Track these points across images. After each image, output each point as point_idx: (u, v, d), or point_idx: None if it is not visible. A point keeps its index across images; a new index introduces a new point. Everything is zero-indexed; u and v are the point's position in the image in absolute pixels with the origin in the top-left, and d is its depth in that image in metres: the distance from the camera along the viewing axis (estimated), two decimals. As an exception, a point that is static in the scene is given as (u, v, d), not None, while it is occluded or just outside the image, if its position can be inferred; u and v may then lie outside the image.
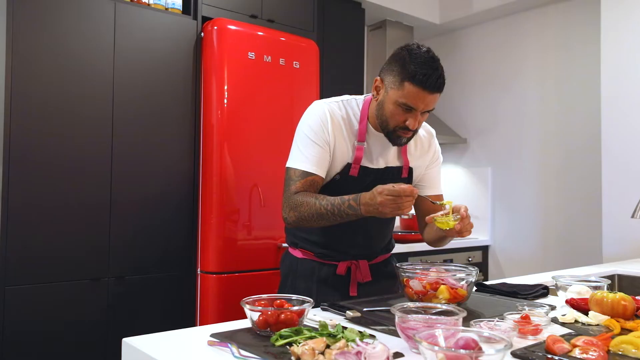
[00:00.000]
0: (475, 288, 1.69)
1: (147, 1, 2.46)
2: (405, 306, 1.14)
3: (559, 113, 3.56)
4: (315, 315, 1.28)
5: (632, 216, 1.85)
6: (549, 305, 1.39)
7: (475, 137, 4.04)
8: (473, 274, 1.41)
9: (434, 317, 1.12)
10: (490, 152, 3.94)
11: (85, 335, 2.23)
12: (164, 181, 2.46)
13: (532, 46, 3.72)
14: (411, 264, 1.52)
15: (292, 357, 0.98)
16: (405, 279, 1.41)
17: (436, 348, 0.88)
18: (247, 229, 2.55)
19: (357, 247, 1.66)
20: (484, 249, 3.90)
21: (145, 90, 2.42)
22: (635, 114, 2.82)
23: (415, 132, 1.54)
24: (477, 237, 3.91)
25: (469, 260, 3.73)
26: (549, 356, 0.99)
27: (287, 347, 1.02)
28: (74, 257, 2.21)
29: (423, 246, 3.31)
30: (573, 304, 1.35)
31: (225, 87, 2.51)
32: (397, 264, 1.49)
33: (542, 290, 1.62)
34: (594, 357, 0.96)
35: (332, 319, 1.25)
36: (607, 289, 1.41)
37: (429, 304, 1.18)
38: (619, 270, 2.25)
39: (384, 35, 3.91)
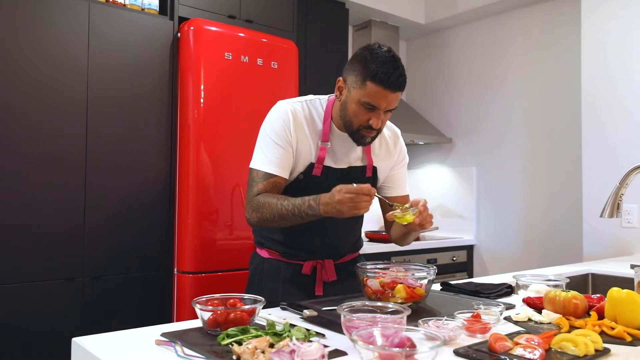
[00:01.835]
0: (440, 287, 1.70)
1: (122, 2, 2.47)
2: (353, 305, 1.14)
3: (544, 112, 3.56)
4: (270, 315, 1.29)
5: (601, 215, 1.85)
6: (507, 304, 1.40)
7: (460, 136, 4.05)
8: (431, 273, 1.41)
9: (384, 315, 1.12)
10: (475, 152, 3.95)
11: (60, 336, 2.22)
12: (140, 180, 2.46)
13: (517, 45, 3.72)
14: (373, 263, 1.52)
15: (234, 356, 0.98)
16: (364, 279, 1.42)
17: (370, 347, 0.89)
18: (225, 229, 2.56)
19: (323, 247, 1.66)
20: (469, 249, 3.90)
21: (121, 90, 2.42)
22: (614, 114, 2.82)
23: (379, 131, 1.55)
24: (462, 236, 3.91)
25: (453, 260, 3.73)
26: (490, 354, 1.00)
27: (231, 346, 1.03)
28: (47, 256, 2.21)
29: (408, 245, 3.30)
30: (529, 302, 1.36)
31: (202, 87, 2.51)
32: (358, 264, 1.50)
33: (506, 289, 1.62)
34: (533, 354, 0.97)
35: (285, 318, 1.26)
36: (565, 288, 1.41)
37: (380, 303, 1.18)
38: (593, 269, 2.26)
39: (369, 35, 3.91)
